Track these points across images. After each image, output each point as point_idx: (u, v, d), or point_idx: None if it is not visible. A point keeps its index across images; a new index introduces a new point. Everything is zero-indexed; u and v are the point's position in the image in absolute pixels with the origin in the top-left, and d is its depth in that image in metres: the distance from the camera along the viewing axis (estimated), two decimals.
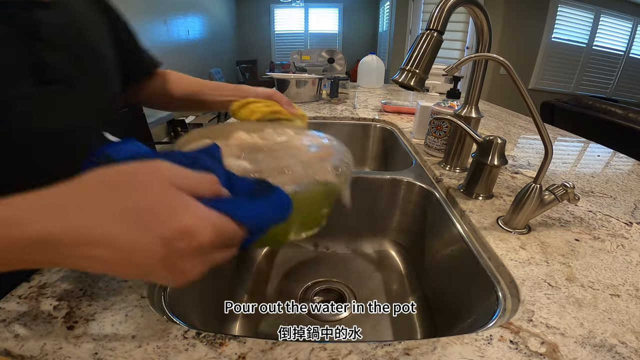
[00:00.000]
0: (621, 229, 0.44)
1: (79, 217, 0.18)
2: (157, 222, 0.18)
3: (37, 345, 0.25)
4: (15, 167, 0.35)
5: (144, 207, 0.19)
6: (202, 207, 0.20)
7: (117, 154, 0.24)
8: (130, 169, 0.20)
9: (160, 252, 0.18)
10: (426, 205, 0.59)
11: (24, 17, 0.34)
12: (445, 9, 0.41)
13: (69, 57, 0.39)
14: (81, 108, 0.42)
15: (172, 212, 0.19)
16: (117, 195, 0.19)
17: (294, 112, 0.54)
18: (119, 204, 0.19)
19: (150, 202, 0.19)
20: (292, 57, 1.55)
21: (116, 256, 0.18)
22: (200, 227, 0.19)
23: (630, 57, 3.64)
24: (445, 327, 0.46)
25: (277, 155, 0.35)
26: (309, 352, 0.25)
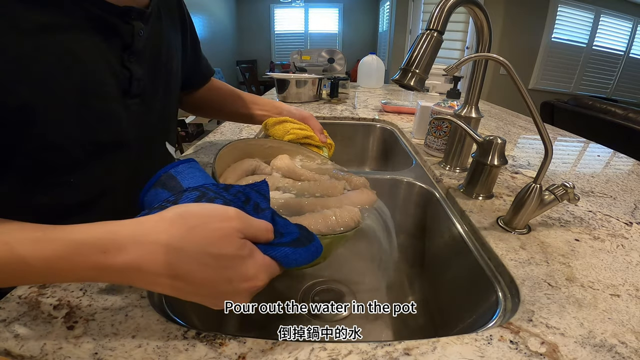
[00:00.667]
0: (621, 229, 0.44)
1: (165, 255, 0.22)
2: (228, 267, 0.23)
3: (37, 345, 0.25)
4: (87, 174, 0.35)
5: (218, 255, 0.22)
6: (261, 256, 0.25)
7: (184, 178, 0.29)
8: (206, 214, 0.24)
9: (224, 289, 0.23)
10: (426, 205, 0.59)
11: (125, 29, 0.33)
12: (445, 9, 0.41)
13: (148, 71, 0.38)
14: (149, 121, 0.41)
15: (240, 261, 0.23)
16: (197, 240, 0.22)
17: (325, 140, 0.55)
18: (199, 248, 0.22)
19: (224, 251, 0.23)
20: (292, 57, 1.55)
21: (188, 288, 0.23)
22: (260, 274, 0.24)
23: (630, 57, 3.64)
24: (445, 327, 0.46)
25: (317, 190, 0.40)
26: (309, 352, 0.25)
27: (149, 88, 0.39)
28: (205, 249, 0.22)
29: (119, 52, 0.34)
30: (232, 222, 0.23)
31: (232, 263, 0.23)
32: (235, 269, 0.23)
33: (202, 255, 0.22)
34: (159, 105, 0.42)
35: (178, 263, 0.22)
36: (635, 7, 3.42)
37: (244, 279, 0.23)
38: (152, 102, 0.40)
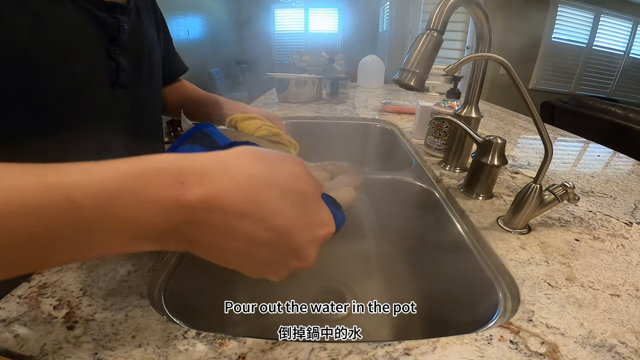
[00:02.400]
0: (621, 229, 0.44)
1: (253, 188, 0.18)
2: (308, 208, 0.20)
3: (37, 345, 0.25)
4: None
5: (300, 192, 0.20)
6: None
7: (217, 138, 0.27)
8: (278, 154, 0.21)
9: (302, 237, 0.20)
10: (426, 205, 0.59)
11: (112, 22, 0.35)
12: (445, 9, 0.41)
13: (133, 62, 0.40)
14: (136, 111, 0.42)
15: (318, 202, 0.21)
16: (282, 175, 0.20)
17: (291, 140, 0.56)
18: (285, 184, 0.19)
19: (305, 189, 0.20)
20: (292, 57, 1.55)
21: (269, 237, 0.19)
22: (331, 220, 0.22)
23: (630, 57, 3.64)
24: (445, 327, 0.46)
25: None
26: (309, 352, 0.25)
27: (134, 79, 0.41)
28: (289, 184, 0.20)
29: (106, 44, 0.36)
30: (303, 164, 0.22)
31: (313, 203, 0.21)
32: (314, 210, 0.21)
33: (287, 190, 0.20)
34: (144, 95, 0.44)
35: (266, 200, 0.19)
36: (635, 7, 3.42)
37: (321, 223, 0.21)
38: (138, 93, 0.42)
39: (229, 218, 0.18)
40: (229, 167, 0.18)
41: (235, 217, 0.18)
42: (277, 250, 0.20)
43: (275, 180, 0.19)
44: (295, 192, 0.20)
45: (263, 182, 0.19)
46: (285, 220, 0.19)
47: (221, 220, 0.18)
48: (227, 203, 0.17)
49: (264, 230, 0.19)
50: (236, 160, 0.19)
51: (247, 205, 0.18)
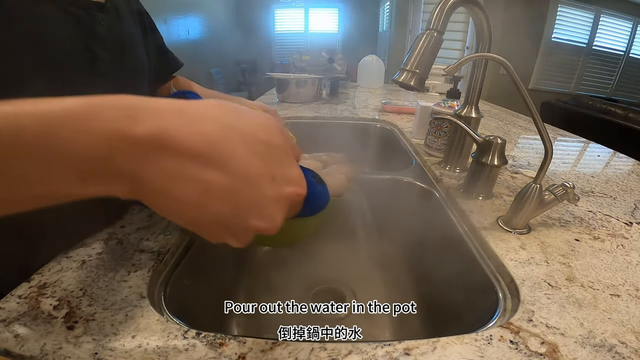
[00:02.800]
0: (621, 229, 0.44)
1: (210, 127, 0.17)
2: (275, 161, 0.19)
3: (37, 345, 0.25)
4: None
5: (268, 143, 0.19)
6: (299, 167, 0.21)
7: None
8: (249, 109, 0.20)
9: (265, 190, 0.18)
10: (426, 205, 0.59)
11: (87, 18, 0.38)
12: (445, 9, 0.41)
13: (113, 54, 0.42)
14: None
15: (287, 158, 0.20)
16: (248, 122, 0.19)
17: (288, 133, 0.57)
18: (249, 130, 0.18)
19: (273, 141, 0.19)
20: (292, 57, 1.55)
21: (225, 184, 0.17)
22: (302, 180, 0.20)
23: (630, 57, 3.64)
24: (445, 327, 0.46)
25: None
26: (309, 352, 0.25)
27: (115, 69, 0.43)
28: (255, 133, 0.18)
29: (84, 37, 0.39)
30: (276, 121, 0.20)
31: (280, 156, 0.19)
32: (281, 165, 0.19)
33: (251, 138, 0.18)
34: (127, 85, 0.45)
35: (224, 141, 0.17)
36: (635, 7, 3.42)
37: (288, 180, 0.20)
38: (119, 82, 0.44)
39: (179, 158, 0.16)
40: (186, 108, 0.17)
41: (187, 158, 0.16)
42: (235, 203, 0.18)
43: (239, 126, 0.18)
44: (261, 142, 0.19)
45: (223, 125, 0.17)
46: (246, 167, 0.17)
47: (170, 160, 0.16)
48: (177, 140, 0.16)
49: (220, 176, 0.17)
50: (198, 105, 0.18)
51: (202, 145, 0.16)
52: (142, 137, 0.15)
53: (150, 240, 0.38)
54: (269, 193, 0.18)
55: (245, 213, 0.18)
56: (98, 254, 0.35)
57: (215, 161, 0.17)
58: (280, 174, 0.19)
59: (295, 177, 0.20)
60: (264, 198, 0.18)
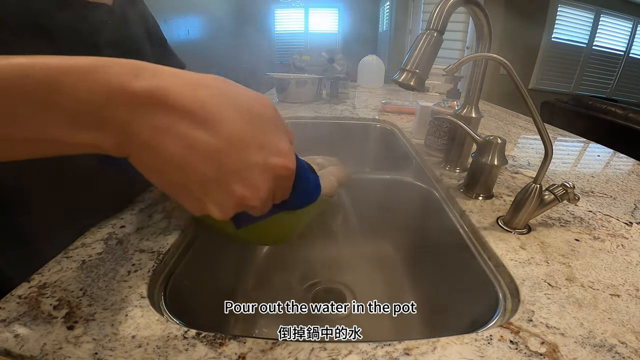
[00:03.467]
0: (621, 229, 0.44)
1: (202, 91, 0.18)
2: (265, 132, 0.19)
3: (37, 345, 0.25)
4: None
5: (259, 113, 0.19)
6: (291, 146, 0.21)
7: None
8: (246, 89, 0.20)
9: (253, 156, 0.19)
10: (426, 205, 0.59)
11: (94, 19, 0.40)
12: (445, 9, 0.41)
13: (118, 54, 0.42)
14: None
15: (277, 130, 0.20)
16: (239, 92, 0.19)
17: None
18: (240, 99, 0.19)
19: (265, 113, 0.20)
20: (292, 57, 1.55)
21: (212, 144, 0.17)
22: (291, 156, 0.20)
23: (630, 57, 3.64)
24: (445, 327, 0.46)
25: None
26: (309, 352, 0.25)
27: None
28: (246, 102, 0.19)
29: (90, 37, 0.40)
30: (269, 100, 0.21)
31: (270, 128, 0.20)
32: (271, 136, 0.20)
33: (243, 106, 0.19)
34: None
35: (216, 105, 0.18)
36: (635, 7, 3.42)
37: (277, 151, 0.20)
38: None
39: (170, 114, 0.17)
40: (185, 74, 0.18)
41: (177, 115, 0.17)
42: (219, 165, 0.18)
43: (232, 94, 0.19)
44: (254, 112, 0.19)
45: (217, 92, 0.18)
46: (234, 130, 0.18)
47: (161, 115, 0.17)
48: (172, 97, 0.17)
49: (207, 135, 0.17)
50: (196, 74, 0.19)
51: (193, 104, 0.17)
52: (139, 91, 0.17)
53: (150, 240, 0.38)
54: (255, 159, 0.19)
55: (229, 176, 0.18)
56: (98, 254, 0.35)
57: (204, 121, 0.17)
58: (269, 143, 0.19)
59: (285, 150, 0.20)
60: (249, 164, 0.19)
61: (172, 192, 0.19)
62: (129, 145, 0.18)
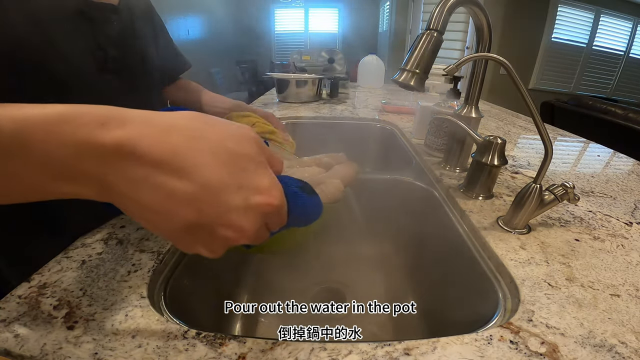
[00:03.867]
0: (621, 229, 0.44)
1: (175, 137, 0.17)
2: (242, 170, 0.19)
3: (37, 345, 0.25)
4: None
5: (236, 152, 0.19)
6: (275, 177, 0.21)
7: None
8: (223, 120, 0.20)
9: (231, 200, 0.18)
10: (426, 205, 0.59)
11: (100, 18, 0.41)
12: (445, 9, 0.41)
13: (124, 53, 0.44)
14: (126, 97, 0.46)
15: (257, 167, 0.20)
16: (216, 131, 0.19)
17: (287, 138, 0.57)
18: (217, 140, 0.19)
19: (242, 150, 0.19)
20: (292, 57, 1.55)
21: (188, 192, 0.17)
22: (273, 189, 0.20)
23: (630, 57, 3.64)
24: (445, 327, 0.46)
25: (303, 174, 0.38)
26: (309, 352, 0.25)
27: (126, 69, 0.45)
28: (223, 142, 0.19)
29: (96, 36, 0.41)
30: (251, 131, 0.21)
31: (248, 165, 0.19)
32: (250, 174, 0.19)
33: (218, 147, 0.18)
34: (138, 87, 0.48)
35: (188, 151, 0.18)
36: (635, 7, 3.42)
37: (256, 190, 0.19)
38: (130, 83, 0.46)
39: (142, 166, 0.17)
40: (156, 119, 0.18)
41: (150, 166, 0.17)
42: (199, 211, 0.18)
43: (207, 135, 0.18)
44: (228, 151, 0.19)
45: (190, 136, 0.18)
46: (209, 175, 0.18)
47: (134, 167, 0.17)
48: (141, 148, 0.17)
49: (183, 183, 0.17)
50: (168, 115, 0.19)
51: (166, 153, 0.17)
52: (108, 144, 0.16)
53: (150, 240, 0.38)
54: (234, 202, 0.18)
55: (211, 221, 0.18)
56: (98, 254, 0.35)
57: (178, 169, 0.17)
58: (248, 183, 0.19)
59: (265, 186, 0.20)
60: (229, 207, 0.18)
61: (161, 235, 0.20)
62: (109, 195, 0.18)
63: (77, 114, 0.16)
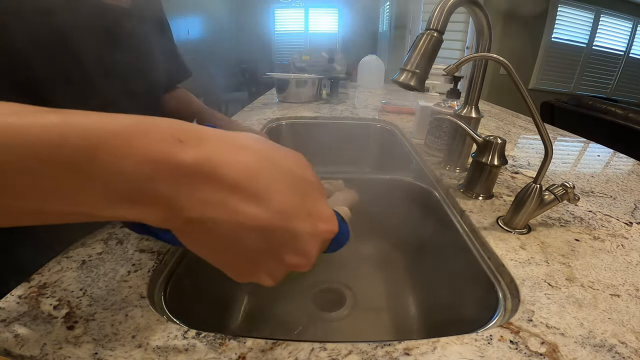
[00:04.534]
0: (621, 229, 0.44)
1: (251, 159, 0.17)
2: (310, 197, 0.19)
3: (37, 345, 0.25)
4: None
5: (301, 178, 0.19)
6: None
7: None
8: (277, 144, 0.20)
9: (301, 226, 0.18)
10: (426, 205, 0.59)
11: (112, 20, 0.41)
12: (445, 9, 0.41)
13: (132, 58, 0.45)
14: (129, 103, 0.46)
15: (320, 195, 0.20)
16: (284, 157, 0.19)
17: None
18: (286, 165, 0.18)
19: (306, 176, 0.19)
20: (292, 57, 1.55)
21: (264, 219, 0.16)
22: (333, 219, 0.20)
23: (630, 57, 3.64)
24: (445, 327, 0.46)
25: None
26: (309, 352, 0.25)
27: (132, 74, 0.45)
28: (289, 167, 0.18)
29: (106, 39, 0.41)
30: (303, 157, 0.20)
31: (314, 192, 0.19)
32: (316, 202, 0.19)
33: (286, 172, 0.18)
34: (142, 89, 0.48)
35: (261, 174, 0.17)
36: (635, 7, 3.42)
37: (322, 218, 0.19)
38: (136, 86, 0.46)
39: (221, 189, 0.16)
40: (226, 137, 0.17)
41: (229, 189, 0.16)
42: (272, 238, 0.17)
43: (277, 159, 0.18)
44: (297, 177, 0.18)
45: (264, 158, 0.17)
46: (284, 202, 0.17)
47: (212, 190, 0.16)
48: (222, 170, 0.16)
49: (259, 210, 0.16)
50: (239, 135, 0.18)
51: (244, 178, 0.16)
52: (188, 163, 0.15)
53: (150, 240, 0.38)
54: (305, 229, 0.18)
55: (281, 249, 0.18)
56: (98, 254, 0.35)
57: (253, 194, 0.16)
58: (314, 210, 0.19)
59: (329, 214, 0.20)
60: (300, 234, 0.18)
61: (219, 265, 0.18)
62: (174, 220, 0.16)
63: (150, 127, 0.15)
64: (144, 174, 0.14)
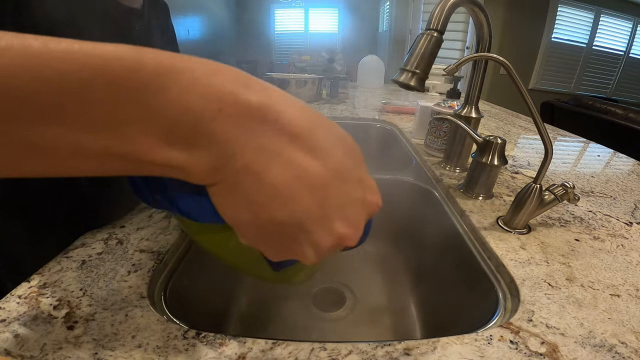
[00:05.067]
0: (621, 229, 0.44)
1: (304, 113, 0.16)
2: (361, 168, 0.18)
3: (37, 345, 0.25)
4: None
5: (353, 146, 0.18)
6: None
7: None
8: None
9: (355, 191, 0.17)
10: (426, 205, 0.59)
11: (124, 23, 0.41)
12: (445, 9, 0.41)
13: None
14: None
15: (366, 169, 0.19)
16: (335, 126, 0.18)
17: None
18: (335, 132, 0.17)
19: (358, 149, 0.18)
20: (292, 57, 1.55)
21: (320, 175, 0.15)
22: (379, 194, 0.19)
23: (630, 57, 3.64)
24: (445, 327, 0.46)
25: None
26: (309, 352, 0.25)
27: None
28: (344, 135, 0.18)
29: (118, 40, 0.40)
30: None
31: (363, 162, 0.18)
32: (364, 170, 0.18)
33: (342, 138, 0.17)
34: None
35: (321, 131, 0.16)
36: (635, 7, 3.42)
37: (371, 188, 0.18)
38: None
39: (281, 135, 0.15)
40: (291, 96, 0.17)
41: (289, 138, 0.15)
42: (325, 199, 0.16)
43: (331, 125, 0.17)
44: (349, 144, 0.18)
45: (320, 120, 0.17)
46: (340, 160, 0.16)
47: (273, 135, 0.15)
48: (284, 117, 0.15)
49: (317, 164, 0.15)
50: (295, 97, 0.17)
51: (305, 130, 0.15)
52: (254, 105, 0.15)
53: (150, 240, 0.38)
54: (357, 195, 0.17)
55: (333, 213, 0.16)
56: (98, 254, 0.35)
57: (312, 148, 0.16)
58: (365, 179, 0.18)
59: (375, 187, 0.19)
60: (352, 199, 0.17)
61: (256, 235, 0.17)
62: (222, 170, 0.15)
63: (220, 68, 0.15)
64: (209, 110, 0.14)
